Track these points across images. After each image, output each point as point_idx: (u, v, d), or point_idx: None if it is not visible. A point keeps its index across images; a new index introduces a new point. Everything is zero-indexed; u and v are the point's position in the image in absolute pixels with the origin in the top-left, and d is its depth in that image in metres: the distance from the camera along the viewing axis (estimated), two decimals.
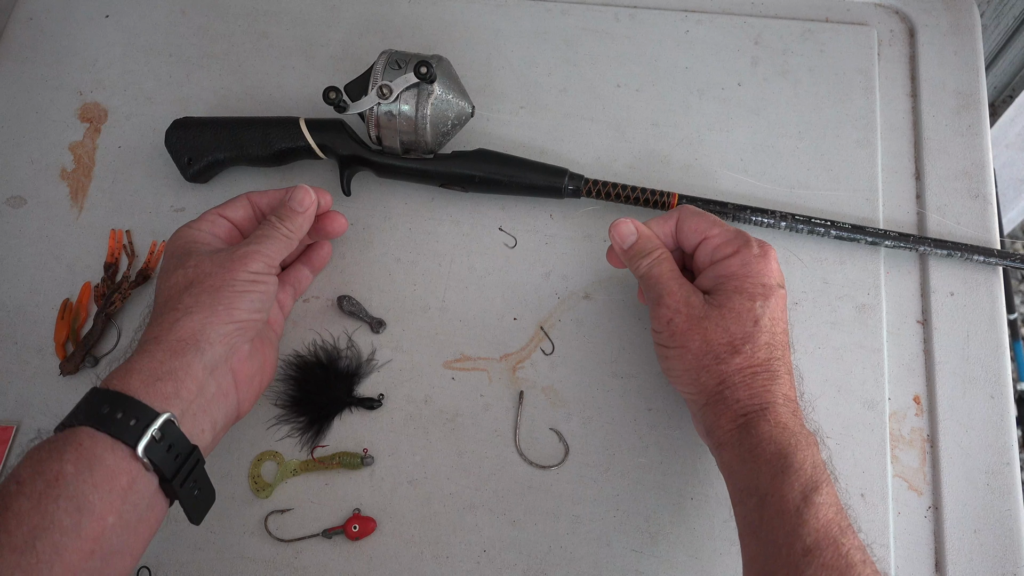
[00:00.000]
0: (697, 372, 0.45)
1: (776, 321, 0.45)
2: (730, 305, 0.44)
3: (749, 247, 0.46)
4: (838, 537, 0.38)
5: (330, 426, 0.54)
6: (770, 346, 0.44)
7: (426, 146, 0.57)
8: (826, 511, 0.39)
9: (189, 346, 0.43)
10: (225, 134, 0.59)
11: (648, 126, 0.63)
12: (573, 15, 0.67)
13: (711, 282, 0.47)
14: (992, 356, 0.55)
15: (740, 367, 0.44)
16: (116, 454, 0.38)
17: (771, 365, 0.44)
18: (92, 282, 0.59)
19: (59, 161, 0.63)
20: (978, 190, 0.60)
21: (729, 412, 0.44)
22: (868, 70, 0.64)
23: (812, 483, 0.40)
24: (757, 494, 0.41)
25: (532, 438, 0.53)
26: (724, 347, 0.44)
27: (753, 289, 0.45)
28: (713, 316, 0.44)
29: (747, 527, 0.42)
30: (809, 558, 0.38)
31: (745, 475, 0.42)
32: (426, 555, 0.51)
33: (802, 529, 0.38)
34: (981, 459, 0.52)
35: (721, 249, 0.47)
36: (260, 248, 0.47)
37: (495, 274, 0.58)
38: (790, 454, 0.41)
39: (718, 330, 0.44)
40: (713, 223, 0.48)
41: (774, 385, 0.43)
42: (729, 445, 0.43)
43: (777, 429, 0.42)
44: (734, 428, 0.43)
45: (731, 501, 0.44)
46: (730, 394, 0.44)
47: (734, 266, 0.46)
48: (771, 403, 0.43)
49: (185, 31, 0.68)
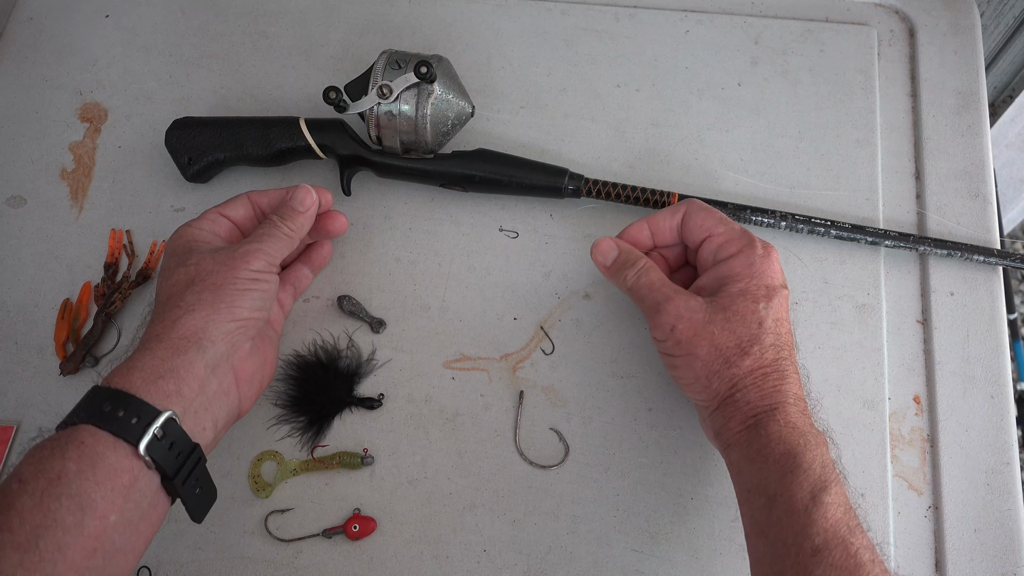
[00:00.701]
0: (708, 378, 0.44)
1: (780, 321, 0.45)
2: (734, 308, 0.44)
3: (753, 247, 0.46)
4: (847, 537, 0.38)
5: (330, 426, 0.54)
6: (776, 347, 0.44)
7: (426, 146, 0.57)
8: (835, 511, 0.39)
9: (191, 344, 0.43)
10: (225, 134, 0.59)
11: (648, 126, 0.63)
12: (573, 15, 0.67)
13: (714, 282, 0.47)
14: (992, 356, 0.55)
15: (751, 369, 0.44)
16: (118, 452, 0.38)
17: (780, 365, 0.44)
18: (92, 282, 0.59)
19: (59, 161, 0.63)
20: (978, 190, 0.60)
21: (739, 414, 0.43)
22: (868, 70, 0.64)
23: (821, 482, 0.40)
24: (766, 494, 0.41)
25: (532, 438, 0.53)
26: (732, 350, 0.44)
27: (757, 291, 0.45)
28: (718, 320, 0.44)
29: (755, 527, 0.42)
30: (818, 558, 0.37)
31: (754, 475, 0.42)
32: (426, 555, 0.51)
33: (811, 529, 0.38)
34: (981, 459, 0.52)
35: (725, 248, 0.47)
36: (261, 246, 0.47)
37: (495, 274, 0.58)
38: (799, 454, 0.41)
39: (725, 333, 0.44)
40: (719, 220, 0.48)
41: (784, 385, 0.43)
42: (738, 445, 0.43)
43: (787, 429, 0.42)
44: (743, 429, 0.43)
45: (738, 501, 0.44)
46: (741, 396, 0.43)
47: (738, 267, 0.46)
48: (781, 403, 0.43)
49: (185, 31, 0.68)
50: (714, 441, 0.47)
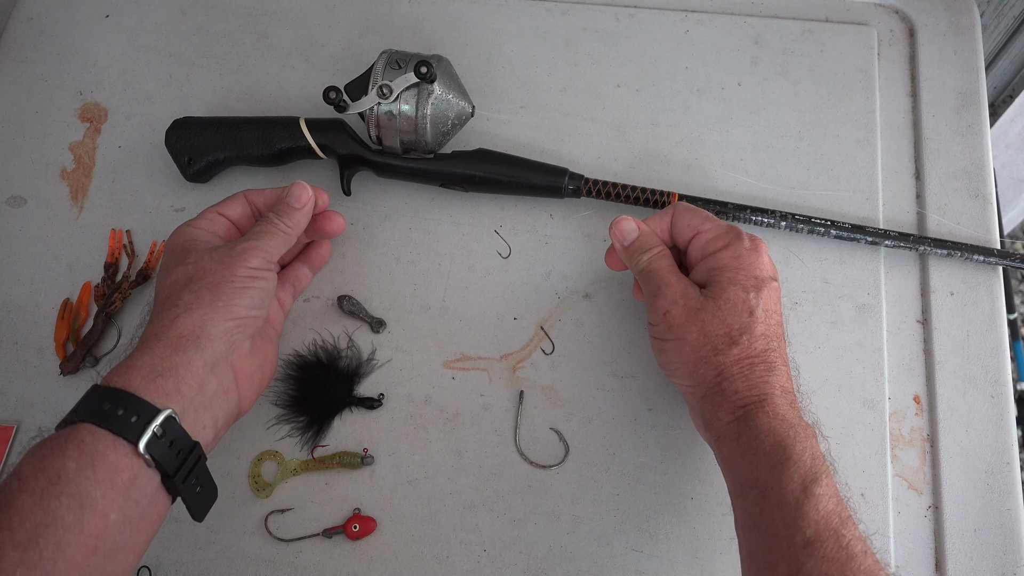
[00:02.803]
0: (695, 364, 0.45)
1: (770, 313, 0.45)
2: (725, 296, 0.45)
3: (740, 240, 0.47)
4: (838, 528, 0.38)
5: (330, 426, 0.54)
6: (766, 337, 0.45)
7: (426, 146, 0.57)
8: (826, 502, 0.39)
9: (189, 343, 0.43)
10: (225, 134, 0.59)
11: (648, 126, 0.63)
12: (573, 15, 0.67)
13: (704, 275, 0.47)
14: (992, 356, 0.55)
15: (738, 358, 0.44)
16: (117, 451, 0.38)
17: (768, 356, 0.44)
18: (92, 282, 0.59)
19: (59, 161, 0.63)
20: (978, 190, 0.60)
21: (728, 404, 0.44)
22: (868, 70, 0.64)
23: (812, 474, 0.40)
24: (757, 486, 0.41)
25: (532, 438, 0.53)
26: (722, 338, 0.44)
27: (746, 281, 0.45)
28: (709, 307, 0.45)
29: (747, 520, 0.42)
30: (810, 550, 0.38)
31: (744, 467, 0.42)
32: (426, 555, 0.51)
33: (802, 521, 0.38)
34: (981, 459, 0.52)
35: (713, 243, 0.47)
36: (259, 244, 0.47)
37: (495, 274, 0.58)
38: (789, 445, 0.41)
39: (715, 321, 0.44)
40: (705, 219, 0.49)
41: (772, 376, 0.44)
42: (728, 438, 0.44)
43: (776, 420, 0.42)
44: (732, 420, 0.43)
45: (730, 494, 0.44)
46: (728, 386, 0.44)
47: (726, 259, 0.46)
48: (769, 394, 0.43)
49: (185, 31, 0.68)
50: (704, 433, 0.47)
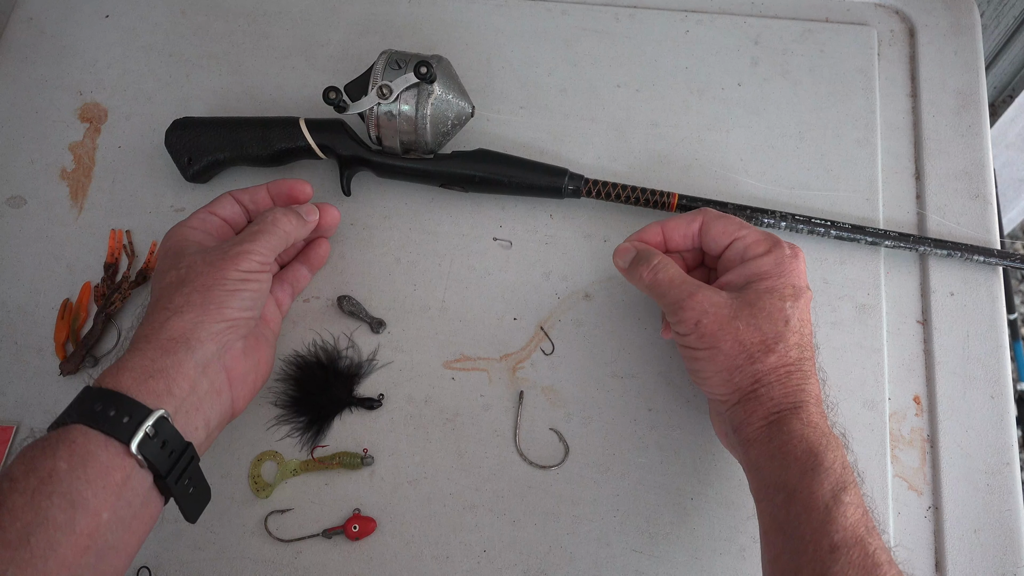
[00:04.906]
0: (730, 372, 0.45)
1: (804, 323, 0.45)
2: (761, 304, 0.45)
3: (781, 247, 0.47)
4: (865, 537, 0.39)
5: (330, 426, 0.54)
6: (800, 346, 0.45)
7: (426, 146, 0.57)
8: (854, 511, 0.39)
9: (179, 344, 0.43)
10: (225, 134, 0.59)
11: (648, 126, 0.63)
12: (573, 15, 0.67)
13: (741, 279, 0.47)
14: (992, 356, 0.55)
15: (775, 366, 0.44)
16: (109, 451, 0.38)
17: (803, 365, 0.44)
18: (92, 282, 0.59)
19: (59, 161, 0.63)
20: (978, 190, 0.60)
21: (761, 409, 0.44)
22: (868, 70, 0.64)
23: (841, 483, 0.40)
24: (785, 490, 0.41)
25: (532, 438, 0.53)
26: (757, 346, 0.44)
27: (784, 289, 0.45)
28: (744, 315, 0.44)
29: (773, 523, 0.42)
30: (836, 555, 0.38)
31: (772, 471, 0.42)
32: (426, 555, 0.51)
33: (830, 526, 0.39)
34: (981, 459, 0.52)
35: (753, 248, 0.47)
36: (252, 247, 0.47)
37: (495, 274, 0.58)
38: (821, 453, 0.41)
39: (750, 329, 0.44)
40: (740, 225, 0.49)
41: (807, 384, 0.44)
42: (758, 442, 0.44)
43: (808, 428, 0.42)
44: (764, 425, 0.43)
45: (755, 498, 0.44)
46: (764, 392, 0.44)
47: (767, 264, 0.46)
48: (804, 402, 0.43)
49: (185, 31, 0.68)
50: (727, 438, 0.47)
